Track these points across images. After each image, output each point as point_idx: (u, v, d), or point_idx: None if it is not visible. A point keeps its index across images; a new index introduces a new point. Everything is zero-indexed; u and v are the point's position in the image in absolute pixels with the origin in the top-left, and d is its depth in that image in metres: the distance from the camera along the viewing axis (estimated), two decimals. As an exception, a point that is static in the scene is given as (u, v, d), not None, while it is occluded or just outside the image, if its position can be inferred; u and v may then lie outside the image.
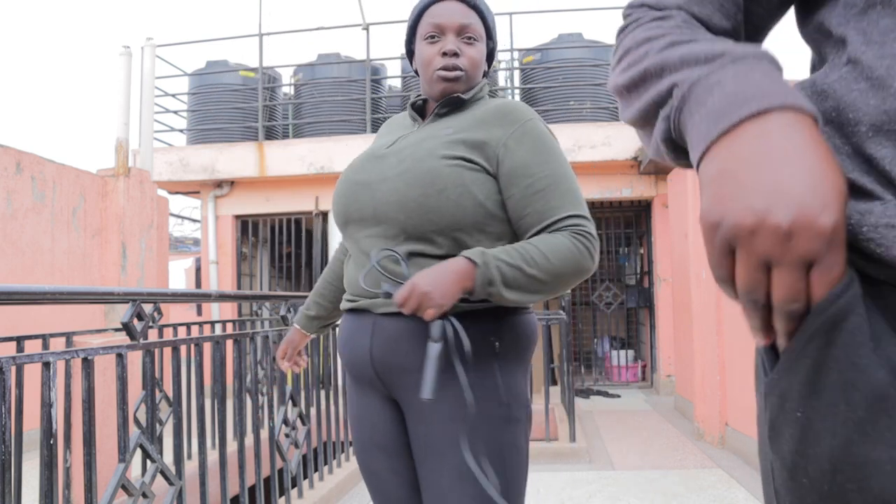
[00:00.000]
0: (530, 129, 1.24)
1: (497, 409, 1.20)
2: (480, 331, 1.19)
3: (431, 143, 1.26)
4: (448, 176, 1.19)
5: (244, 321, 4.84)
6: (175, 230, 12.60)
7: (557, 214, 1.19)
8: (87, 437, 1.76)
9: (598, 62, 7.25)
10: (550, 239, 1.17)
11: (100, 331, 3.73)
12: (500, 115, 1.25)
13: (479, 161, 1.22)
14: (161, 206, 6.47)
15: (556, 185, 1.20)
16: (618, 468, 3.98)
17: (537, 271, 1.14)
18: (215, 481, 2.45)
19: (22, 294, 1.58)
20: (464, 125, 1.27)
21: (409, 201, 1.20)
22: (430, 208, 1.19)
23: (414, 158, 1.24)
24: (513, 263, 1.13)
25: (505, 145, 1.22)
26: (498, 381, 1.20)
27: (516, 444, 1.22)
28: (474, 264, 1.12)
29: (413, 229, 1.21)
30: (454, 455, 1.18)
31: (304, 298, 3.93)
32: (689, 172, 4.82)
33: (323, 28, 7.73)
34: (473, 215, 1.19)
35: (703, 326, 4.67)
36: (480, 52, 1.33)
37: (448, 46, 1.29)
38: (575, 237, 1.17)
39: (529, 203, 1.20)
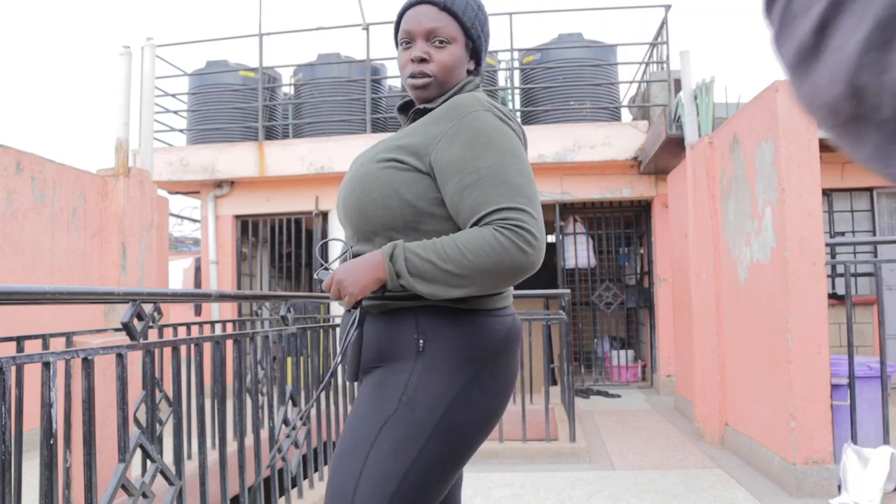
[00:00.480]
0: (468, 124, 1.22)
1: (394, 404, 1.21)
2: (406, 327, 1.24)
3: (378, 147, 1.33)
4: (377, 179, 1.26)
5: (244, 321, 4.85)
6: (175, 230, 12.60)
7: (487, 208, 1.16)
8: (87, 437, 1.76)
9: (598, 62, 7.25)
10: (472, 233, 1.15)
11: (100, 331, 3.73)
12: (444, 112, 1.27)
13: (410, 161, 1.25)
14: (161, 206, 6.47)
15: (489, 179, 1.17)
16: (618, 468, 3.98)
17: (452, 266, 1.14)
18: (215, 481, 2.45)
19: (22, 294, 1.58)
20: (419, 125, 1.30)
21: (349, 205, 1.31)
22: (363, 210, 1.28)
23: (358, 164, 1.34)
24: (425, 257, 1.16)
25: (438, 142, 1.23)
26: (408, 379, 1.21)
27: (401, 445, 1.18)
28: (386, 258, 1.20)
29: (357, 230, 1.31)
30: (343, 434, 1.27)
31: (304, 298, 3.94)
32: (689, 173, 4.82)
33: (323, 28, 7.72)
34: (402, 216, 1.24)
35: (703, 326, 4.66)
36: (453, 54, 1.32)
37: (415, 53, 1.31)
38: (500, 230, 1.14)
39: (462, 199, 1.19)
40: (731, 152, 4.22)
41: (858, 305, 6.34)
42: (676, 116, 5.30)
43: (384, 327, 1.27)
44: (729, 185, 4.29)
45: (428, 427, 1.18)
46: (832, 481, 3.22)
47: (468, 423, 1.21)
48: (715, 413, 4.49)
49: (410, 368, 1.22)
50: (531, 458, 4.23)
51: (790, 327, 3.29)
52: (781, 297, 3.36)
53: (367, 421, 1.22)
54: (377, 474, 1.17)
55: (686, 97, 5.00)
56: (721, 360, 4.48)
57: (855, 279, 6.60)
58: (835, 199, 6.69)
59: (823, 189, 4.02)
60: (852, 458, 3.17)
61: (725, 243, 4.40)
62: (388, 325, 1.26)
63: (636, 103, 7.82)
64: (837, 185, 6.51)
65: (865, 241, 4.04)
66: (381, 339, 1.27)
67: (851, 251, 6.41)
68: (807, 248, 3.30)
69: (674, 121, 5.36)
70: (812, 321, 3.27)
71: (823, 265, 3.30)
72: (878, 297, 3.40)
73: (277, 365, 3.00)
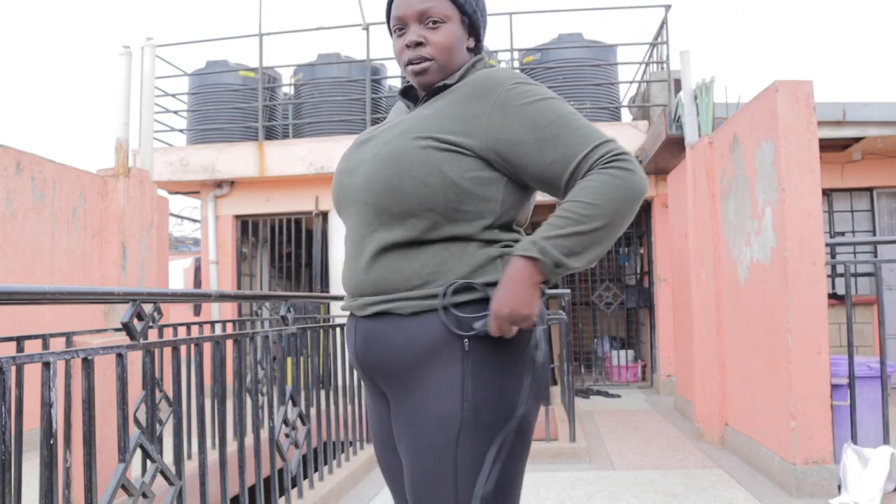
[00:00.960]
0: (513, 93, 1.19)
1: (457, 414, 1.14)
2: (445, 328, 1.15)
3: (407, 124, 1.24)
4: (415, 155, 1.17)
5: (244, 321, 4.85)
6: (175, 230, 12.60)
7: (579, 154, 1.14)
8: (87, 437, 1.76)
9: (598, 62, 7.25)
10: (586, 186, 1.12)
11: (100, 331, 3.73)
12: (473, 90, 1.22)
13: (452, 139, 1.18)
14: (161, 206, 6.47)
15: (564, 128, 1.16)
16: (618, 468, 3.98)
17: (595, 222, 1.10)
18: (215, 481, 2.45)
19: (22, 294, 1.58)
20: (444, 105, 1.24)
21: (376, 182, 1.20)
22: (397, 189, 1.17)
23: (385, 140, 1.23)
24: (568, 232, 1.10)
25: (489, 119, 1.18)
26: (462, 383, 1.14)
27: (481, 453, 1.14)
28: (533, 259, 1.11)
29: (383, 211, 1.19)
30: (408, 460, 1.18)
31: (304, 298, 3.94)
32: (689, 173, 4.83)
33: (323, 28, 7.72)
34: (444, 194, 1.16)
35: (703, 326, 4.66)
36: (449, 33, 1.26)
37: (409, 38, 1.26)
38: (606, 168, 1.12)
39: (547, 156, 1.16)
40: (731, 152, 4.22)
41: (858, 305, 6.34)
42: (676, 116, 5.30)
43: (417, 330, 1.17)
44: (729, 185, 4.29)
45: (498, 427, 1.15)
46: (832, 481, 3.22)
47: (528, 414, 1.19)
48: (715, 413, 4.48)
49: (461, 371, 1.15)
50: (531, 458, 4.23)
51: (790, 327, 3.29)
52: (781, 297, 3.36)
53: (436, 440, 1.14)
54: (470, 490, 1.13)
55: (686, 97, 5.00)
56: (721, 360, 4.48)
57: (855, 279, 6.60)
58: (835, 199, 6.69)
59: (823, 189, 4.01)
60: (852, 458, 3.17)
61: (725, 243, 4.40)
62: (422, 327, 1.16)
63: (636, 103, 7.82)
64: (837, 185, 6.51)
65: (865, 241, 4.05)
66: (416, 344, 1.17)
67: (851, 251, 6.41)
68: (807, 248, 3.30)
69: (674, 121, 5.36)
70: (812, 321, 3.27)
71: (823, 265, 3.30)
72: (878, 297, 3.40)
73: (277, 365, 3.00)
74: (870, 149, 6.23)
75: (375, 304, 1.21)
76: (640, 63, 7.84)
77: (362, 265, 1.23)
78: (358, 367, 1.31)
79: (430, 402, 1.16)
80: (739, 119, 4.04)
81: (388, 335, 1.20)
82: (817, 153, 3.37)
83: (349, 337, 1.31)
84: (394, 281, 1.19)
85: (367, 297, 1.23)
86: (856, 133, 5.52)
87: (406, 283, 1.18)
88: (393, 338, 1.19)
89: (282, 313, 3.05)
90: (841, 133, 5.49)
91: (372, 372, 1.26)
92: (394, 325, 1.19)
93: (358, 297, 1.25)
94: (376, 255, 1.20)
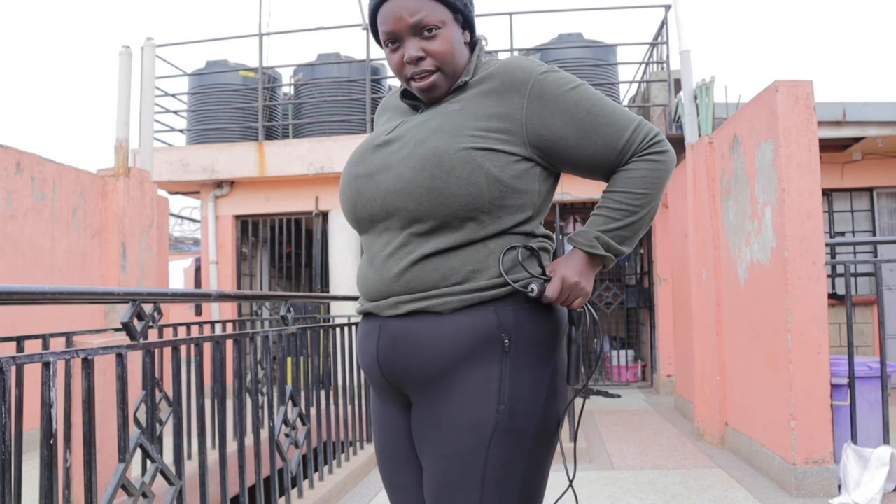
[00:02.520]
0: (545, 84, 1.18)
1: (492, 417, 1.11)
2: (487, 325, 1.13)
3: (435, 122, 1.18)
4: (457, 155, 1.12)
5: (244, 321, 4.85)
6: (175, 230, 12.60)
7: (620, 140, 1.18)
8: (87, 437, 1.76)
9: (598, 62, 7.25)
10: (634, 175, 1.18)
11: (100, 331, 3.74)
12: (502, 84, 1.19)
13: (494, 135, 1.16)
14: (161, 206, 6.47)
15: (600, 116, 1.18)
16: (617, 468, 3.98)
17: (644, 210, 1.18)
18: (215, 481, 2.45)
19: (22, 294, 1.58)
20: (472, 100, 1.19)
21: (416, 187, 1.13)
22: (441, 191, 1.12)
23: (417, 141, 1.17)
24: (624, 224, 1.17)
25: (525, 114, 1.17)
26: (500, 385, 1.12)
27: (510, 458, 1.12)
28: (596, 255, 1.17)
29: (426, 216, 1.14)
30: (437, 463, 1.15)
31: (304, 298, 3.94)
32: (689, 173, 4.83)
33: (323, 28, 7.73)
34: (489, 192, 1.13)
35: (703, 326, 4.66)
36: (448, 38, 1.19)
37: (409, 53, 1.18)
38: (648, 155, 1.18)
39: (590, 144, 1.18)
40: (731, 152, 4.22)
41: (858, 305, 6.34)
42: (676, 116, 5.31)
43: (457, 328, 1.13)
44: (729, 185, 4.29)
45: (530, 433, 1.13)
46: (832, 481, 3.22)
47: (556, 416, 1.19)
48: (715, 413, 4.49)
49: (499, 373, 1.12)
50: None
51: (790, 327, 3.29)
52: (781, 297, 3.36)
53: (467, 443, 1.12)
54: (498, 496, 1.12)
55: (686, 97, 5.00)
56: (721, 360, 4.48)
57: (855, 279, 6.60)
58: (835, 199, 6.69)
59: (823, 189, 4.02)
60: (852, 458, 3.17)
61: (725, 243, 4.40)
62: (461, 325, 1.13)
63: (636, 103, 7.83)
64: (837, 185, 6.51)
65: (865, 241, 4.04)
66: (454, 343, 1.13)
67: (851, 251, 6.41)
68: (807, 248, 3.30)
69: (674, 121, 5.36)
70: (812, 321, 3.27)
71: (823, 265, 3.30)
72: (878, 297, 3.40)
73: (277, 365, 3.01)
74: (870, 149, 6.23)
75: (410, 303, 1.15)
76: (640, 63, 7.84)
77: (398, 270, 1.16)
78: (377, 372, 1.22)
79: (465, 403, 1.13)
80: (739, 119, 4.04)
81: (423, 335, 1.15)
82: (817, 153, 3.37)
83: (367, 341, 1.23)
84: (431, 279, 1.14)
85: (398, 296, 1.17)
86: (856, 133, 5.53)
87: (445, 280, 1.14)
88: (429, 337, 1.14)
89: (282, 313, 3.05)
90: (841, 133, 5.49)
91: (397, 376, 1.19)
92: (431, 324, 1.14)
93: (384, 297, 1.19)
94: (418, 260, 1.15)
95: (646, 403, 6.45)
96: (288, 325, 3.04)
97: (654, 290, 7.35)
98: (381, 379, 1.23)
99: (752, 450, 3.88)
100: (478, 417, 1.12)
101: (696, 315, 4.77)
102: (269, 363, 2.88)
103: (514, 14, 7.25)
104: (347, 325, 4.05)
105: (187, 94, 8.02)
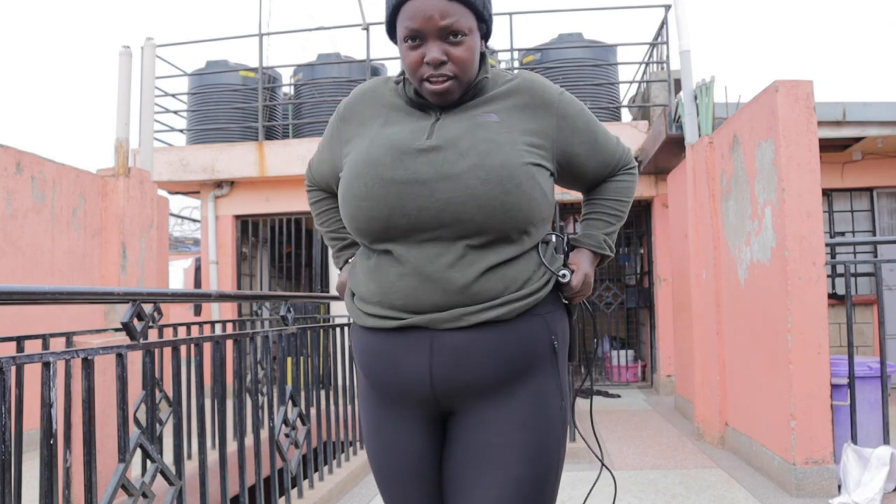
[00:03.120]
0: (565, 105, 1.26)
1: (558, 415, 1.21)
2: (542, 329, 1.21)
3: (485, 133, 1.17)
4: (522, 170, 1.15)
5: (244, 321, 4.85)
6: (175, 230, 12.61)
7: (612, 160, 1.34)
8: (87, 437, 1.76)
9: (598, 62, 7.25)
10: (621, 186, 1.37)
11: (100, 331, 3.74)
12: (536, 99, 1.23)
13: (538, 150, 1.21)
14: (161, 206, 6.47)
15: (600, 137, 1.32)
16: (618, 468, 3.98)
17: (625, 215, 1.38)
18: (215, 481, 2.45)
19: (22, 294, 1.58)
20: (507, 111, 1.21)
21: (490, 200, 1.12)
22: (512, 206, 1.13)
23: (480, 152, 1.15)
24: (617, 228, 1.37)
25: (556, 131, 1.24)
26: (558, 383, 1.21)
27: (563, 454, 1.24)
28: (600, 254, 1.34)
29: (491, 229, 1.14)
30: (515, 466, 1.16)
31: (304, 298, 3.94)
32: (689, 173, 4.83)
33: (323, 28, 7.73)
34: (543, 207, 1.19)
35: (703, 326, 4.66)
36: (471, 47, 1.17)
37: (431, 55, 1.14)
38: (629, 170, 1.38)
39: (593, 161, 1.31)
40: (731, 152, 4.22)
41: (858, 305, 6.34)
42: (676, 116, 5.30)
43: (524, 333, 1.17)
44: (729, 185, 4.29)
45: (563, 429, 1.24)
46: (832, 481, 3.22)
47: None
48: (715, 413, 4.49)
49: (554, 373, 1.21)
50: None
51: (790, 327, 3.29)
52: (781, 297, 3.37)
53: (550, 442, 1.19)
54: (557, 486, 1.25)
55: (686, 97, 5.00)
56: (721, 360, 4.48)
57: (855, 279, 6.60)
58: (835, 199, 6.69)
59: (823, 189, 4.02)
60: (852, 458, 3.17)
61: (725, 243, 4.40)
62: (523, 330, 1.17)
63: (636, 103, 7.83)
64: (837, 185, 6.51)
65: (865, 241, 4.05)
66: (519, 348, 1.17)
67: (851, 251, 6.41)
68: (807, 248, 3.30)
69: (674, 121, 5.36)
70: (812, 321, 3.27)
71: (823, 265, 3.30)
72: (878, 297, 3.40)
73: (277, 365, 3.01)
74: (870, 149, 6.23)
75: (477, 314, 1.14)
76: (640, 63, 7.84)
77: (464, 282, 1.14)
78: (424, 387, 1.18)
79: (539, 403, 1.18)
80: (739, 119, 4.04)
81: (492, 343, 1.16)
82: (817, 153, 3.37)
83: (407, 355, 1.18)
84: (496, 289, 1.15)
85: (462, 307, 1.15)
86: (856, 133, 5.52)
87: (507, 290, 1.16)
88: (499, 345, 1.16)
89: (282, 313, 3.05)
90: (841, 133, 5.49)
91: (456, 389, 1.17)
92: (498, 333, 1.16)
93: (442, 310, 1.15)
94: (485, 272, 1.15)
95: (646, 403, 6.45)
96: (288, 325, 3.04)
97: (654, 290, 7.35)
98: (427, 393, 1.18)
99: (752, 450, 3.88)
100: (553, 416, 1.19)
101: (696, 315, 4.77)
102: (269, 363, 2.88)
103: (514, 14, 7.25)
104: (347, 325, 4.05)
105: (187, 94, 8.02)
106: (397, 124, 1.23)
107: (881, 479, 3.04)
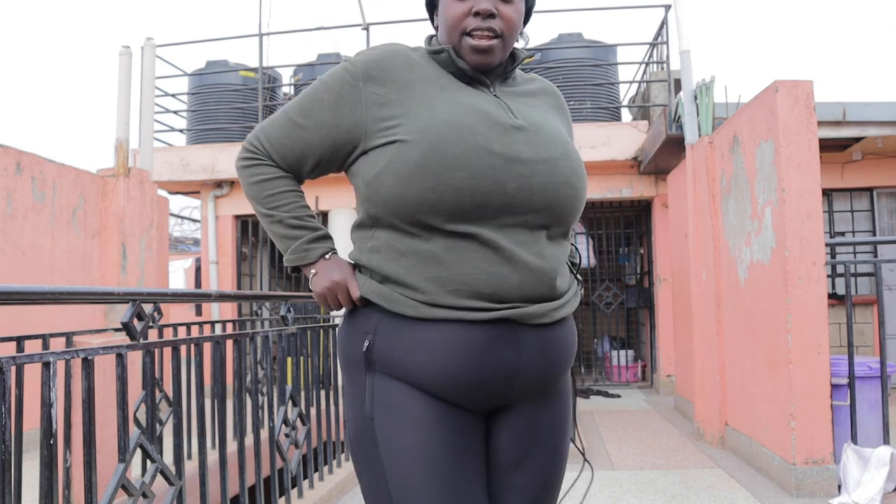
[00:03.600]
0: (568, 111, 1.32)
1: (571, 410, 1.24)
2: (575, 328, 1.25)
3: (555, 125, 1.17)
4: (581, 164, 1.17)
5: (244, 321, 4.84)
6: (175, 230, 12.60)
7: None
8: (87, 437, 1.76)
9: (598, 62, 7.25)
10: None
11: (100, 331, 3.74)
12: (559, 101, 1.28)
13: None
14: (161, 206, 6.47)
15: None
16: (617, 468, 3.98)
17: None
18: (215, 481, 2.45)
19: (22, 294, 1.58)
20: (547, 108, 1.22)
21: (576, 191, 1.11)
22: (581, 202, 1.15)
23: (563, 142, 1.13)
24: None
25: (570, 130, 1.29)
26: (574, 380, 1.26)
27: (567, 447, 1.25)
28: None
29: (568, 221, 1.13)
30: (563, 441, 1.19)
31: (304, 299, 3.93)
32: (689, 173, 4.83)
33: (323, 28, 7.72)
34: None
35: (703, 326, 4.66)
36: (519, 9, 1.10)
37: (482, 6, 1.05)
38: None
39: None
40: (731, 152, 4.22)
41: (858, 305, 6.34)
42: (676, 116, 5.30)
43: (572, 332, 1.19)
44: (729, 185, 4.29)
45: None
46: (832, 481, 3.22)
47: None
48: (715, 413, 4.49)
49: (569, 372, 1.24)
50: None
51: (790, 327, 3.29)
52: (781, 296, 3.37)
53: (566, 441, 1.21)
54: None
55: (686, 97, 5.00)
56: (721, 360, 4.48)
57: (855, 279, 6.60)
58: (835, 199, 6.69)
59: (823, 189, 4.02)
60: (852, 458, 3.17)
61: (725, 243, 4.40)
62: (572, 329, 1.19)
63: (636, 103, 7.82)
64: (837, 185, 6.51)
65: (865, 241, 4.05)
66: (573, 347, 1.19)
67: (851, 251, 6.41)
68: (807, 248, 3.30)
69: (674, 121, 5.36)
70: (812, 321, 3.27)
71: (823, 265, 3.30)
72: (878, 297, 3.40)
73: (277, 365, 3.01)
74: (870, 149, 6.23)
75: (560, 309, 1.11)
76: (640, 63, 7.84)
77: (553, 275, 1.08)
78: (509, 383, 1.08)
79: (567, 403, 1.20)
80: (739, 119, 4.04)
81: (568, 338, 1.16)
82: (817, 153, 3.37)
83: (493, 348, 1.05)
84: (565, 284, 1.15)
85: (550, 302, 1.09)
86: (856, 133, 5.52)
87: (569, 286, 1.18)
88: (569, 342, 1.16)
89: (282, 313, 3.05)
90: (841, 133, 5.49)
91: (533, 385, 1.11)
92: (567, 329, 1.16)
93: (535, 302, 1.08)
94: (562, 265, 1.12)
95: (646, 403, 6.45)
96: (288, 325, 3.04)
97: (654, 290, 7.35)
98: (504, 390, 1.08)
99: (752, 450, 3.88)
100: (570, 414, 1.21)
101: (696, 315, 4.77)
102: (269, 363, 2.88)
103: (514, 14, 7.23)
104: (347, 325, 4.03)
105: (187, 94, 8.02)
106: (460, 93, 1.10)
107: (881, 479, 3.04)
